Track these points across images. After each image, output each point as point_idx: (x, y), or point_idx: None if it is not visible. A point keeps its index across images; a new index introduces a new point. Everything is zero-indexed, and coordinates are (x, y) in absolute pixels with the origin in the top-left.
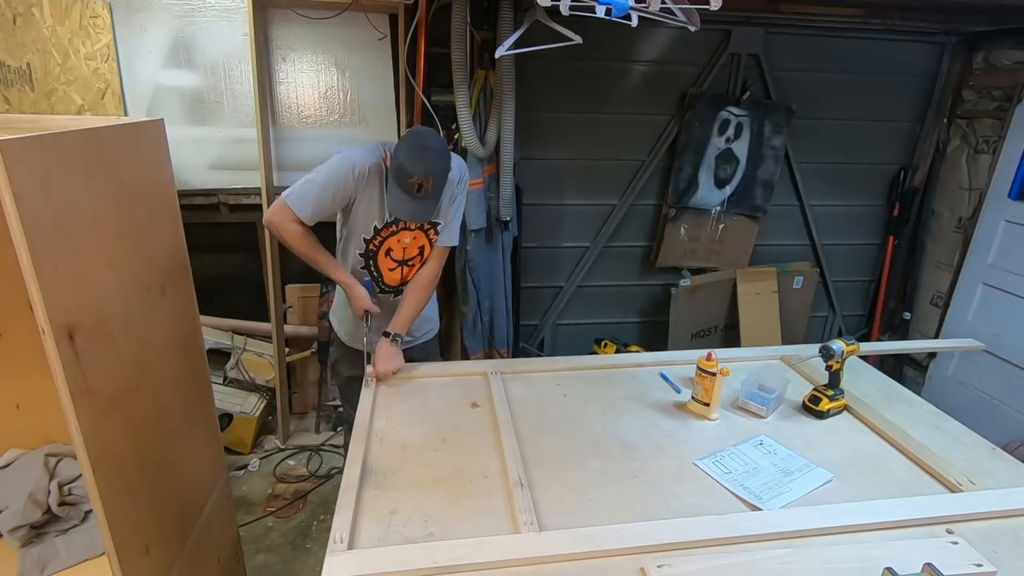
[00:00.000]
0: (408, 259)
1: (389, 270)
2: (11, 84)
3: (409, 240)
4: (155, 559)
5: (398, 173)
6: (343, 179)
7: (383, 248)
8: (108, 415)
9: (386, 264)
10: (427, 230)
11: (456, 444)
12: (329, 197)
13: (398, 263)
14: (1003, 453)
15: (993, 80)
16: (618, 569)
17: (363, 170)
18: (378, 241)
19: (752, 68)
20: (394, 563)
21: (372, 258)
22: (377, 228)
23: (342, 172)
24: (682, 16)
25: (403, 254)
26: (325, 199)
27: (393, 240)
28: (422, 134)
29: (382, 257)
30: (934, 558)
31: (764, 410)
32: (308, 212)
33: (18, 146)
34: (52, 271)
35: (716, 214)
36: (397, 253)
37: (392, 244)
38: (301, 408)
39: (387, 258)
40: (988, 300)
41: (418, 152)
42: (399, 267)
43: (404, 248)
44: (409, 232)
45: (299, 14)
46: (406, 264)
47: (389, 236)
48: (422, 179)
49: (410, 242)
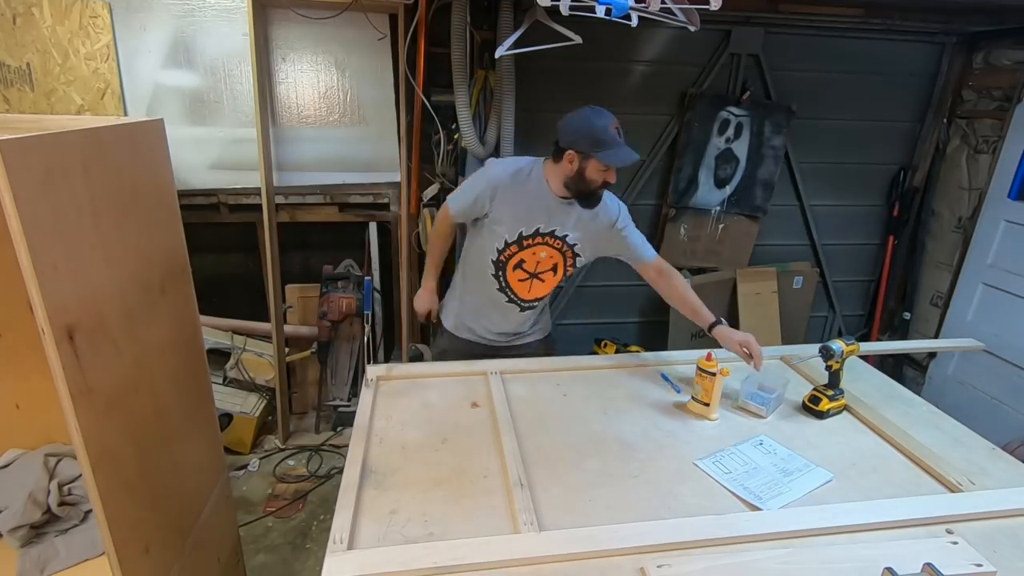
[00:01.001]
0: (539, 272)
1: (519, 281)
2: (11, 84)
3: (544, 255)
4: (155, 559)
5: (600, 133)
6: (484, 186)
7: (514, 260)
8: (108, 415)
9: (516, 276)
10: (565, 251)
11: (456, 444)
12: (480, 200)
13: (529, 275)
14: (1003, 453)
15: (993, 80)
16: (618, 569)
17: (493, 184)
18: (509, 253)
19: (752, 68)
20: (394, 563)
21: (502, 268)
22: (508, 241)
23: (484, 178)
24: (682, 16)
25: (535, 267)
26: (478, 201)
27: (527, 252)
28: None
29: (511, 269)
30: (934, 558)
31: (764, 410)
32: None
33: (18, 146)
34: (52, 271)
35: (716, 214)
36: (530, 265)
37: (526, 256)
38: (301, 408)
39: (518, 270)
40: (988, 300)
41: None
42: (529, 279)
43: (538, 262)
44: (545, 247)
45: (299, 14)
46: (536, 277)
47: (524, 249)
48: (616, 123)
49: (544, 257)
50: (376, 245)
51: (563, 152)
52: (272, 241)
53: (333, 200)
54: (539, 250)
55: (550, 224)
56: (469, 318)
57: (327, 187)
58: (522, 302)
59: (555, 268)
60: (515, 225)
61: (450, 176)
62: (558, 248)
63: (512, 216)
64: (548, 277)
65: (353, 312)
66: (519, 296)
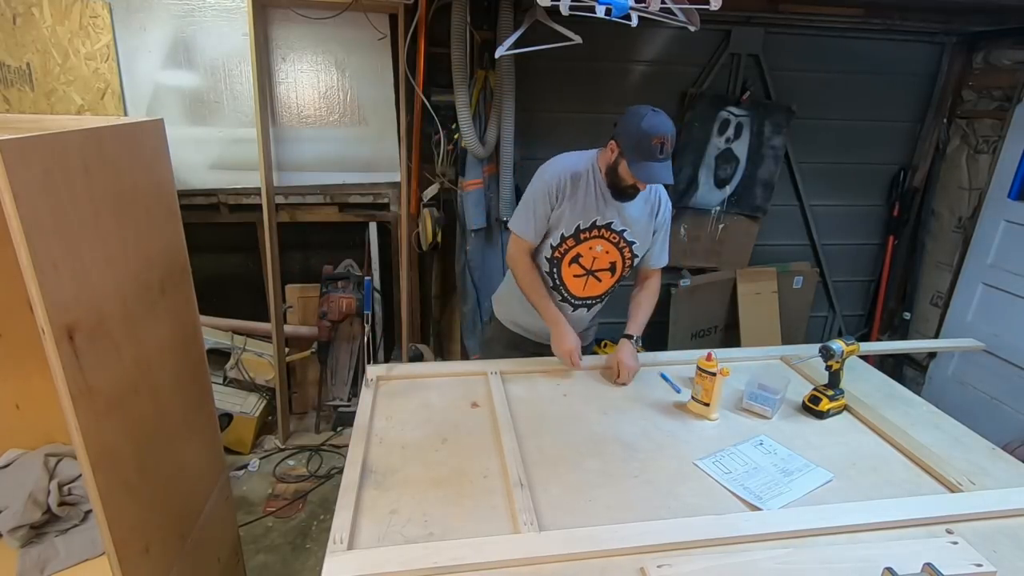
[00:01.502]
0: (596, 270)
1: (574, 276)
2: (11, 84)
3: (601, 249)
4: (155, 559)
5: (641, 140)
6: (540, 196)
7: (570, 255)
8: (108, 415)
9: (571, 271)
10: (622, 247)
11: (456, 444)
12: (542, 213)
13: (585, 271)
14: (1003, 453)
15: (993, 80)
16: (618, 569)
17: (561, 183)
18: (565, 248)
19: (752, 68)
20: (394, 563)
21: (556, 265)
22: (564, 236)
23: (539, 190)
24: (682, 16)
25: (592, 263)
26: (540, 214)
27: (584, 247)
28: (644, 106)
29: (566, 264)
30: (934, 558)
31: (769, 411)
32: (531, 233)
33: (18, 146)
34: (52, 271)
35: (716, 214)
36: (586, 260)
37: (582, 250)
38: (301, 408)
39: (574, 265)
40: (988, 300)
41: (654, 115)
42: (585, 276)
43: (594, 258)
44: (603, 242)
45: (299, 14)
46: (593, 275)
47: (581, 243)
48: (664, 137)
49: (601, 252)
50: (376, 245)
51: (611, 138)
52: (272, 241)
53: (333, 200)
54: (595, 243)
55: (605, 216)
56: (519, 312)
57: (327, 187)
58: (575, 299)
59: (613, 267)
60: (573, 219)
61: (450, 176)
62: (614, 243)
63: (570, 211)
64: (605, 277)
65: (353, 312)
66: (572, 293)
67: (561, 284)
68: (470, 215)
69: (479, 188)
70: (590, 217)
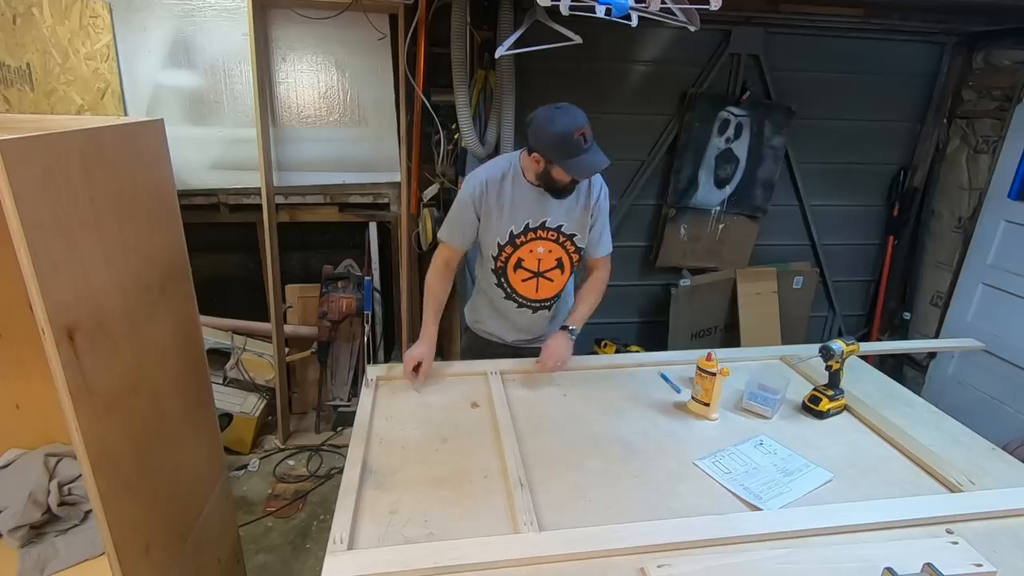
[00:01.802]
0: (545, 271)
1: (522, 281)
2: (11, 84)
3: (543, 250)
4: (155, 559)
5: (562, 140)
6: (465, 204)
7: (512, 261)
8: (108, 415)
9: (518, 277)
10: (563, 242)
11: (456, 444)
12: (468, 220)
13: (532, 274)
14: (1003, 453)
15: (993, 80)
16: (618, 569)
17: (479, 187)
18: (506, 255)
19: (752, 68)
20: (394, 563)
21: (503, 275)
22: (500, 244)
23: (463, 198)
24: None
25: (538, 265)
26: (466, 221)
27: (524, 251)
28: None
29: (511, 271)
30: (934, 558)
31: (770, 411)
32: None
33: (18, 146)
34: (52, 271)
35: (716, 214)
36: (530, 263)
37: (523, 255)
38: (301, 408)
39: (520, 270)
40: (988, 300)
41: (560, 113)
42: (534, 278)
43: (539, 259)
44: (543, 242)
45: (299, 14)
46: (542, 276)
47: (519, 247)
48: (582, 128)
49: (544, 252)
50: (376, 245)
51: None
52: (272, 241)
53: (333, 200)
54: (535, 245)
55: (539, 216)
56: (488, 318)
57: (327, 187)
58: (532, 303)
59: (560, 264)
60: (505, 225)
61: (450, 176)
62: (554, 240)
63: (498, 217)
64: (555, 275)
65: (353, 312)
66: (527, 298)
67: (513, 291)
68: None
69: None
70: (521, 220)
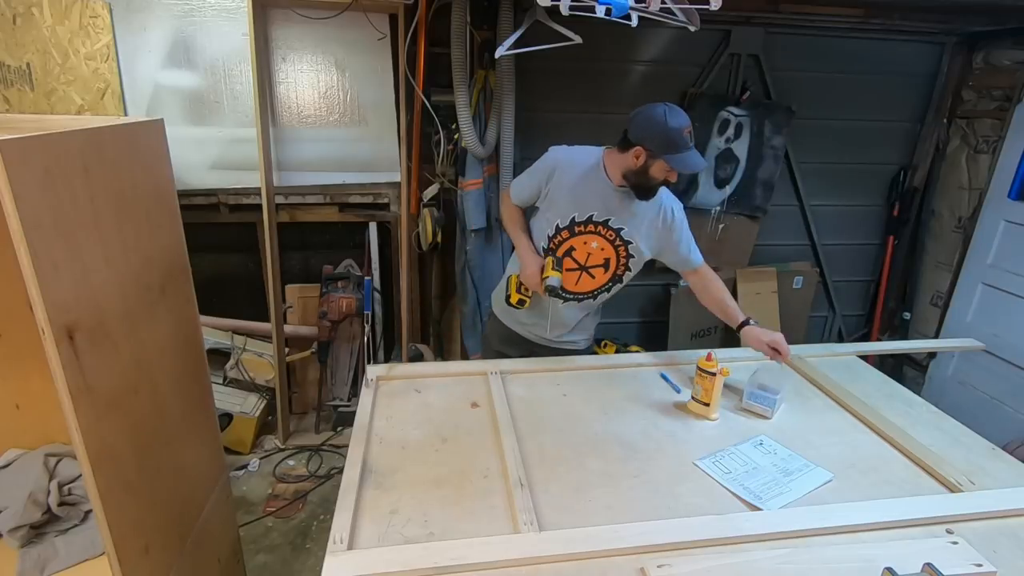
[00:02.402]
0: (590, 266)
1: (567, 270)
2: (11, 84)
3: (596, 245)
4: (155, 559)
5: (672, 135)
6: (539, 170)
7: (565, 247)
8: (108, 415)
9: (564, 264)
10: (618, 245)
11: (456, 444)
12: (534, 184)
13: (579, 267)
14: (1003, 453)
15: (993, 80)
16: (618, 569)
17: (554, 162)
18: (560, 239)
19: (752, 68)
20: (394, 563)
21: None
22: (560, 227)
23: (540, 165)
24: (682, 16)
25: (586, 259)
26: (531, 185)
27: (578, 240)
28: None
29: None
30: (934, 558)
31: (770, 411)
32: (516, 195)
33: (18, 146)
34: (52, 271)
35: (716, 214)
36: (580, 255)
37: (576, 244)
38: (301, 408)
39: (567, 258)
40: (988, 300)
41: (672, 110)
42: (579, 272)
43: (588, 253)
44: (599, 238)
45: (299, 14)
46: (587, 270)
47: (575, 235)
48: (690, 126)
49: (596, 248)
50: (376, 245)
51: (631, 146)
52: (272, 241)
53: (333, 200)
54: (591, 239)
55: (604, 213)
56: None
57: (327, 187)
58: (567, 294)
59: (607, 263)
60: (569, 209)
61: (450, 176)
62: (610, 240)
63: (566, 199)
64: (598, 273)
65: (353, 312)
66: (564, 288)
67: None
68: (470, 215)
69: (479, 188)
70: (587, 211)
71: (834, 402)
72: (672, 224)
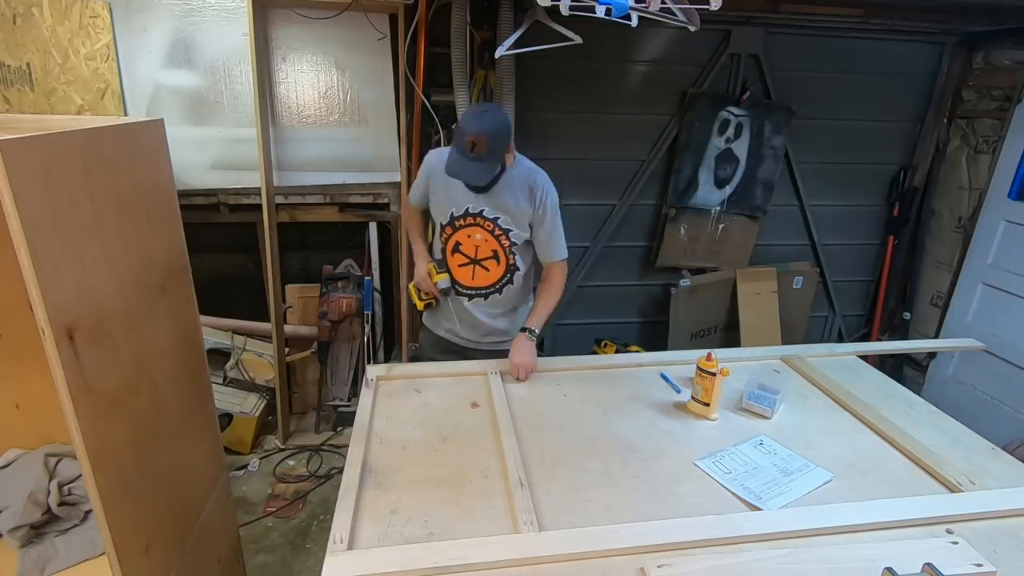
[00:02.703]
0: (481, 259)
1: (459, 266)
2: (11, 84)
3: (480, 238)
4: (155, 559)
5: (456, 134)
6: (421, 172)
7: (451, 244)
8: (108, 415)
9: (455, 261)
10: (498, 235)
11: (456, 444)
12: (422, 184)
13: (469, 260)
14: (1003, 453)
15: (993, 80)
16: (618, 569)
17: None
18: (446, 236)
19: (752, 68)
20: (394, 563)
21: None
22: (443, 224)
23: (422, 168)
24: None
25: (475, 252)
26: (419, 185)
27: (462, 234)
28: (485, 103)
29: (450, 255)
30: (934, 558)
31: (770, 411)
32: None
33: (18, 146)
34: (52, 271)
35: (716, 214)
36: (468, 249)
37: (461, 238)
38: (301, 408)
39: (457, 254)
40: (988, 300)
41: (475, 113)
42: (470, 265)
43: (476, 246)
44: (479, 229)
45: (299, 14)
46: (479, 264)
47: (457, 230)
48: (474, 137)
49: (481, 240)
50: (376, 245)
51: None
52: (272, 241)
53: (333, 200)
54: (473, 231)
55: (477, 204)
56: (443, 317)
57: (327, 187)
58: (467, 289)
59: (496, 255)
60: (446, 206)
61: None
62: (490, 231)
63: (443, 197)
64: (491, 265)
65: (353, 312)
66: (462, 284)
67: (454, 280)
68: None
69: None
70: (461, 204)
71: (834, 402)
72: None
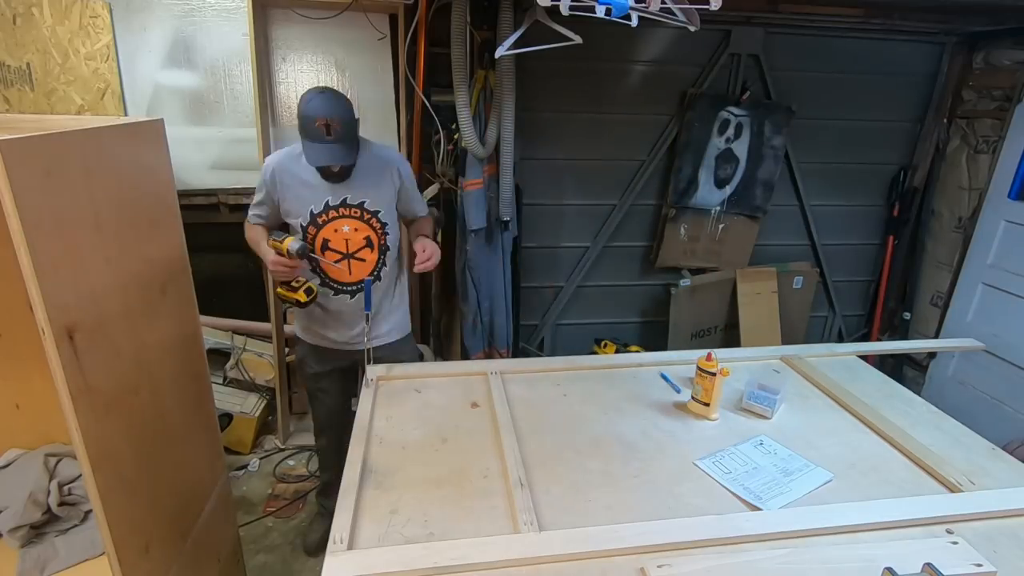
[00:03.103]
0: (354, 251)
1: (334, 264)
2: (11, 84)
3: (349, 229)
4: (155, 559)
5: (305, 123)
6: (260, 186)
7: (318, 242)
8: (108, 415)
9: (329, 259)
10: (368, 219)
11: (456, 444)
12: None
13: (343, 255)
14: (1003, 453)
15: (993, 80)
16: (618, 569)
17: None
18: (311, 236)
19: (752, 68)
20: (394, 563)
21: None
22: (303, 225)
23: (259, 184)
24: (682, 16)
25: (346, 246)
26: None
27: (328, 230)
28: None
29: (321, 254)
30: (934, 558)
31: (770, 411)
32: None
33: (18, 146)
34: (52, 271)
35: (716, 214)
36: (338, 244)
37: (328, 235)
38: (301, 408)
39: (328, 251)
40: (988, 300)
41: (314, 97)
42: (346, 260)
43: (347, 239)
44: (346, 220)
45: (299, 14)
46: (353, 257)
47: (323, 225)
48: (327, 119)
49: (351, 231)
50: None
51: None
52: None
53: None
54: (340, 224)
55: (336, 195)
56: (318, 323)
57: None
58: (347, 286)
59: (369, 242)
60: (303, 206)
61: (450, 176)
62: (359, 217)
63: (296, 198)
64: (366, 255)
65: None
66: (341, 282)
67: (326, 276)
68: (470, 215)
69: (479, 188)
70: (321, 199)
71: (834, 402)
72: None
